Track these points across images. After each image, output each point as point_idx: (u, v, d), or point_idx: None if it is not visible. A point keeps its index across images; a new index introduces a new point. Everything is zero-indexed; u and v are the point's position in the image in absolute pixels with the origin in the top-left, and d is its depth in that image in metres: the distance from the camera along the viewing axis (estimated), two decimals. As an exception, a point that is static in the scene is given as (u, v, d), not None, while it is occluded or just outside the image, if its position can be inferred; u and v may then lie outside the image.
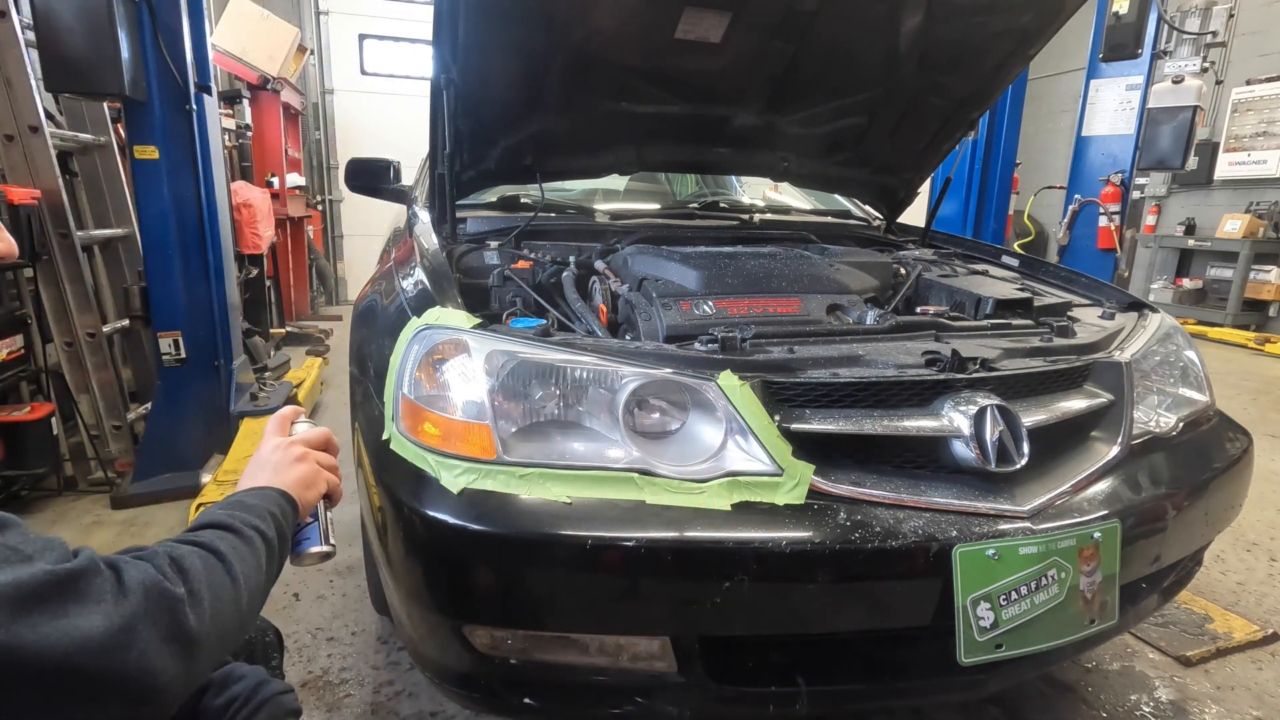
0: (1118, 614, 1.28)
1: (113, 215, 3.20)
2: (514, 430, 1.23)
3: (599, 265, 1.83)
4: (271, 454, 0.93)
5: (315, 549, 0.92)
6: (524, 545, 1.12)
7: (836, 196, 2.91)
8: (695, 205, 2.69)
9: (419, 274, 1.56)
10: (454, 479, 1.16)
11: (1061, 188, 5.35)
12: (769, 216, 2.60)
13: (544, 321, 1.40)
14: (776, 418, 1.23)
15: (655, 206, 2.71)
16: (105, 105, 3.11)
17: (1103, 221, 4.80)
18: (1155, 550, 1.39)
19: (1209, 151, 7.45)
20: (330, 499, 0.98)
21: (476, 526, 1.11)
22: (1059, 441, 1.39)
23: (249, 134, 5.29)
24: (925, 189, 2.75)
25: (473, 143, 2.00)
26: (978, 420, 1.25)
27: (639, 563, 1.11)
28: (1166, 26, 4.61)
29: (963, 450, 1.26)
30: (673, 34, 1.86)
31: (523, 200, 2.37)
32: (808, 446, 1.23)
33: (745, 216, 2.53)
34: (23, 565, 0.56)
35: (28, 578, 0.55)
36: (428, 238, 1.80)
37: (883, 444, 1.28)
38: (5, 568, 0.55)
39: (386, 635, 1.98)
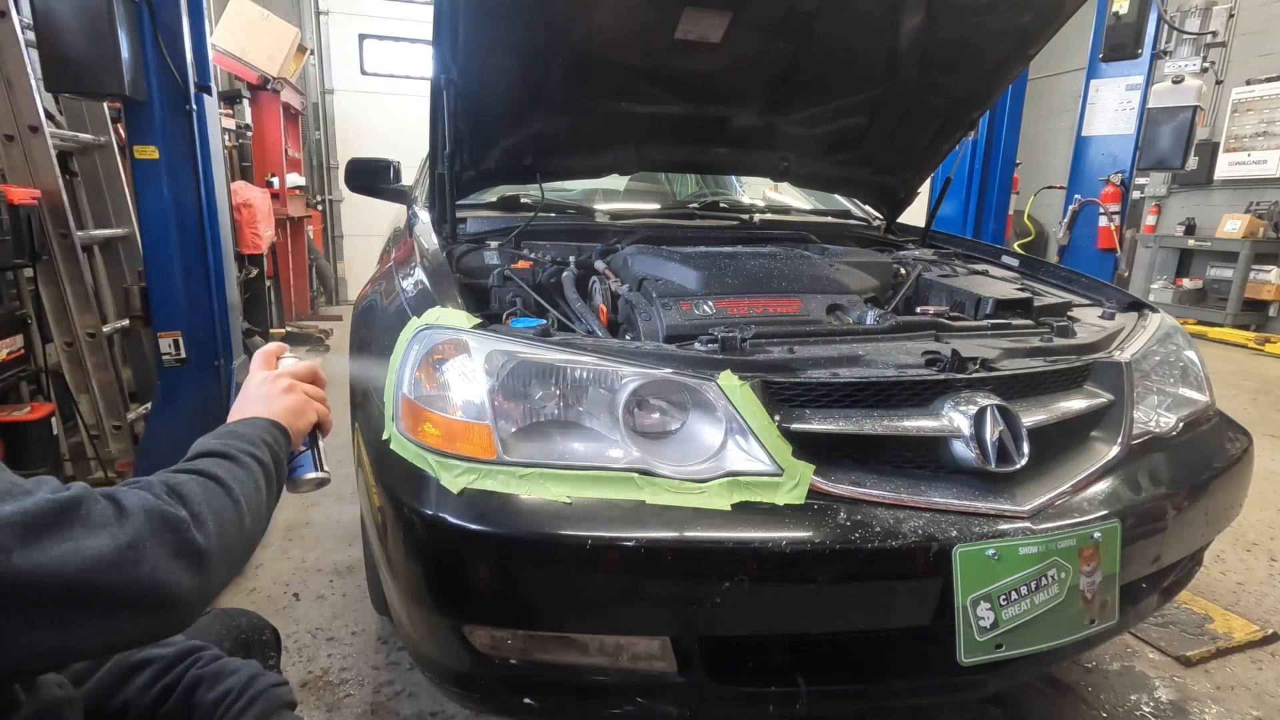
0: (1118, 614, 1.28)
1: (113, 215, 3.20)
2: (514, 430, 1.23)
3: (599, 265, 1.83)
4: (259, 387, 0.93)
5: (311, 475, 0.93)
6: (524, 545, 1.12)
7: (836, 196, 2.91)
8: (695, 205, 2.69)
9: (419, 274, 1.56)
10: (454, 479, 1.16)
11: (1061, 188, 5.34)
12: (769, 216, 2.60)
13: (544, 321, 1.40)
14: (776, 418, 1.23)
15: (655, 206, 2.71)
16: (105, 105, 3.11)
17: (1103, 221, 4.79)
18: (1155, 550, 1.39)
19: (1209, 151, 7.45)
20: (321, 428, 0.98)
21: (476, 526, 1.11)
22: (1059, 441, 1.39)
23: (249, 134, 5.28)
24: (925, 189, 2.74)
25: (473, 143, 2.00)
26: (978, 420, 1.25)
27: (639, 563, 1.11)
28: (1166, 26, 4.60)
29: (963, 450, 1.26)
30: (673, 34, 1.86)
31: (523, 200, 2.37)
32: (808, 446, 1.23)
33: (745, 216, 2.53)
34: (25, 496, 0.58)
35: (31, 506, 0.57)
36: (428, 238, 1.80)
37: (883, 444, 1.28)
38: (8, 500, 0.57)
39: (386, 635, 1.98)
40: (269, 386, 0.93)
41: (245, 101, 5.32)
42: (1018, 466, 1.26)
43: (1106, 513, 1.28)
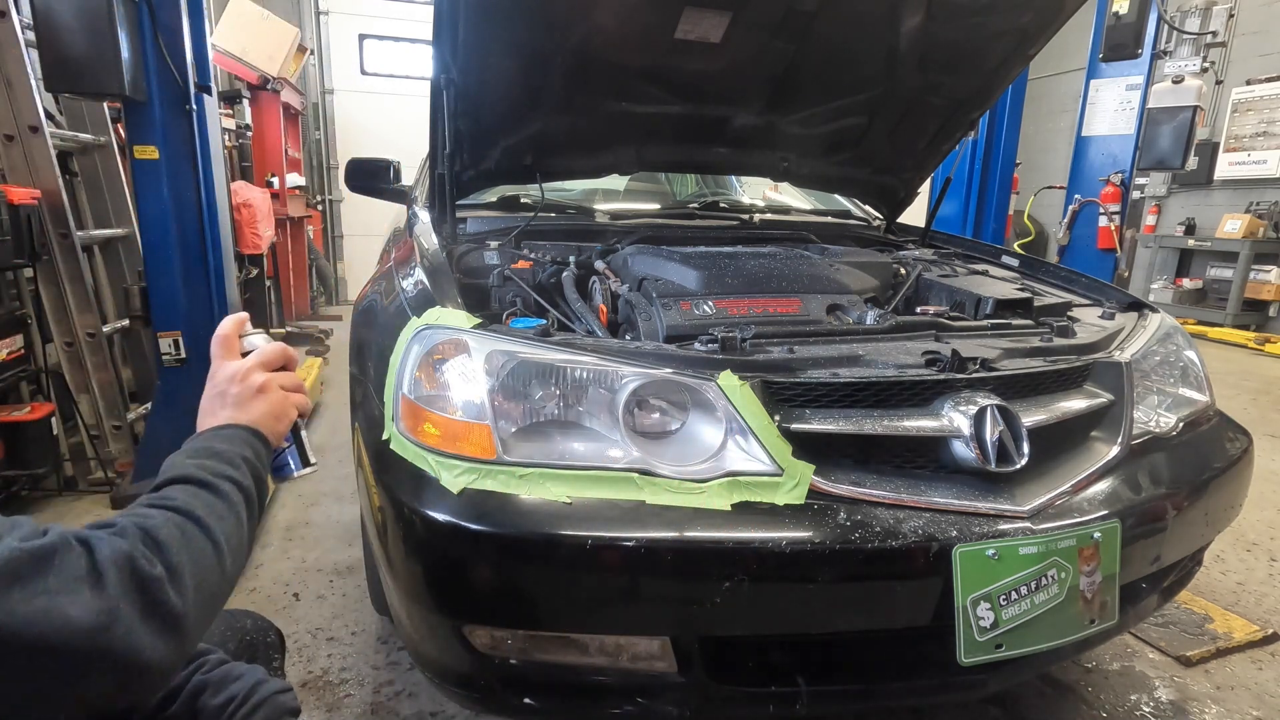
0: (1118, 614, 1.28)
1: (113, 215, 3.20)
2: (514, 430, 1.23)
3: (599, 265, 1.83)
4: (229, 385, 0.84)
5: (297, 474, 0.90)
6: (524, 545, 1.12)
7: (836, 196, 2.91)
8: (695, 205, 2.69)
9: (419, 274, 1.56)
10: (454, 479, 1.16)
11: (1061, 188, 5.35)
12: (769, 216, 2.60)
13: (544, 321, 1.40)
14: (776, 418, 1.23)
15: (655, 206, 2.71)
16: (105, 105, 3.11)
17: (1103, 221, 4.79)
18: (1155, 550, 1.39)
19: (1209, 151, 7.45)
20: (301, 416, 0.92)
21: (476, 526, 1.11)
22: (1059, 441, 1.39)
23: (249, 134, 5.29)
24: (925, 189, 2.75)
25: (473, 143, 2.00)
26: (978, 420, 1.25)
27: (639, 563, 1.11)
28: (1166, 26, 4.61)
29: (963, 450, 1.26)
30: (673, 34, 1.86)
31: (523, 200, 2.37)
32: (808, 446, 1.23)
33: (745, 216, 2.53)
34: None
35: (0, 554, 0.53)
36: (428, 238, 1.80)
37: (883, 444, 1.28)
38: None
39: (386, 635, 1.98)
40: (241, 386, 0.84)
41: (245, 101, 5.33)
42: (1018, 466, 1.26)
43: (1106, 513, 1.28)
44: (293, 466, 0.90)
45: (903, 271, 2.01)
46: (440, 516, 1.13)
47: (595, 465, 1.19)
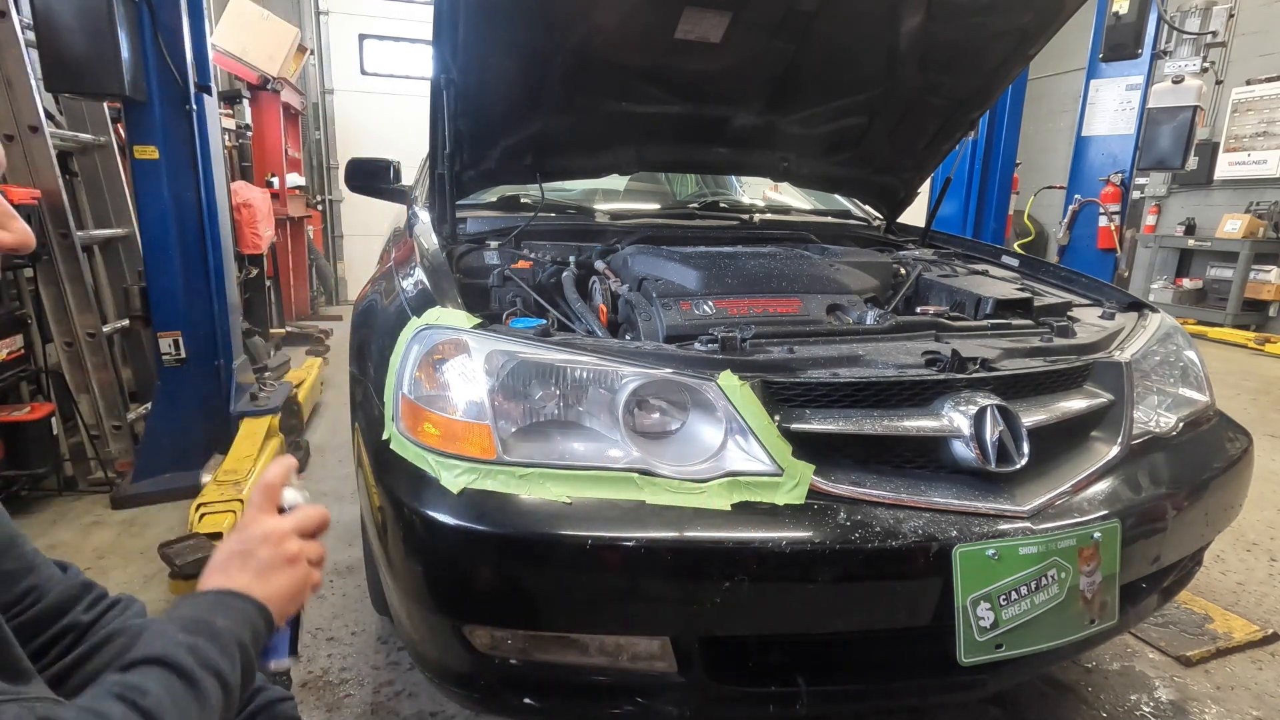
0: (1118, 614, 1.28)
1: (113, 215, 3.20)
2: (514, 430, 1.23)
3: (599, 265, 1.83)
4: (260, 546, 0.76)
5: (275, 663, 0.79)
6: (524, 545, 1.12)
7: (836, 196, 2.91)
8: (695, 205, 2.69)
9: (419, 274, 1.56)
10: (454, 479, 1.16)
11: (1061, 188, 5.36)
12: (769, 216, 2.60)
13: (544, 321, 1.40)
14: (776, 418, 1.23)
15: (655, 206, 2.71)
16: (105, 105, 3.11)
17: (1103, 221, 4.80)
18: (1155, 550, 1.39)
19: (1209, 151, 7.45)
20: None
21: (476, 526, 1.11)
22: (1059, 441, 1.39)
23: (249, 134, 5.29)
24: (925, 189, 2.75)
25: (473, 143, 2.00)
26: (978, 420, 1.25)
27: (639, 563, 1.11)
28: (1166, 26, 4.61)
29: (963, 450, 1.26)
30: (673, 34, 1.86)
31: (523, 200, 2.37)
32: (808, 446, 1.23)
33: (745, 216, 2.53)
34: None
35: None
36: (428, 238, 1.80)
37: (883, 444, 1.28)
38: None
39: (386, 635, 1.98)
40: (271, 551, 0.76)
41: (245, 101, 5.33)
42: (1018, 466, 1.26)
43: (1106, 513, 1.28)
44: (278, 653, 0.79)
45: (903, 271, 2.01)
46: (440, 516, 1.13)
47: (595, 465, 1.19)
